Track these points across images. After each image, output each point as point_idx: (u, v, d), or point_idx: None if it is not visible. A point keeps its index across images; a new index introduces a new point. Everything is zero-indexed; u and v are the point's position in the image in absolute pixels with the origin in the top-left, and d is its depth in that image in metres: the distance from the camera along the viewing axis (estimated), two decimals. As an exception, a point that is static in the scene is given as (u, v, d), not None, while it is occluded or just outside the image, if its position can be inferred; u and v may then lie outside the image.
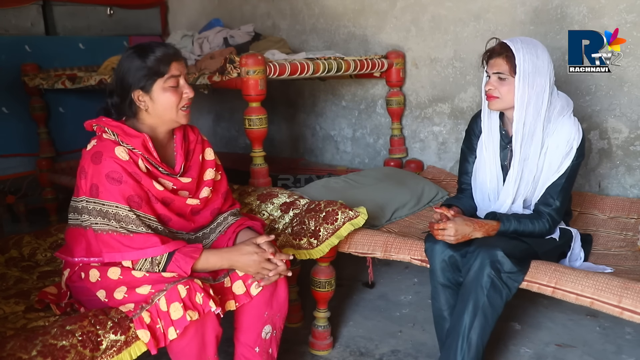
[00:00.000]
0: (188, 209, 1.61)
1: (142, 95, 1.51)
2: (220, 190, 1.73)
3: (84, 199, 1.47)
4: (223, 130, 4.07)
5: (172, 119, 1.56)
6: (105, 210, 1.44)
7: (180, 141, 1.64)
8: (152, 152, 1.52)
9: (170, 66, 1.50)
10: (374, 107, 3.16)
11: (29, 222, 3.48)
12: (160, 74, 1.49)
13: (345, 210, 1.88)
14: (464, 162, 1.97)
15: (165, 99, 1.51)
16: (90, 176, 1.45)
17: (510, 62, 1.67)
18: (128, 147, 1.48)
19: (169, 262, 1.45)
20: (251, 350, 1.64)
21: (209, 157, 1.72)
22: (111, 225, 1.43)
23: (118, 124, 1.52)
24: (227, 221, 1.71)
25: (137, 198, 1.46)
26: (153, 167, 1.52)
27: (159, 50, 1.50)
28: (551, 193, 1.75)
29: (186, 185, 1.60)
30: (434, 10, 2.78)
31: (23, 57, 3.29)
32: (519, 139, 1.72)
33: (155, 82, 1.50)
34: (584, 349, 2.02)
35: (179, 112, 1.55)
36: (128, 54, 1.52)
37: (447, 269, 1.73)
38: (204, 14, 3.92)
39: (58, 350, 1.25)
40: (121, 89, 1.52)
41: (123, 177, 1.44)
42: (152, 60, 1.48)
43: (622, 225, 2.17)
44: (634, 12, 2.22)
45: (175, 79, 1.52)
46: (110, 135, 1.50)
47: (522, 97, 1.67)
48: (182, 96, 1.54)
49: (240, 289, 1.58)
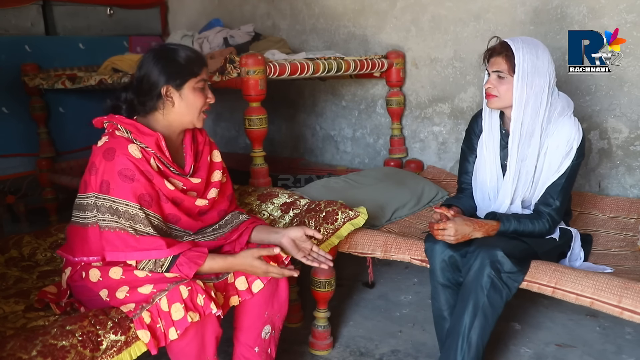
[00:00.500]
0: (197, 209, 1.62)
1: (172, 91, 1.53)
2: (226, 192, 1.75)
3: (93, 195, 1.47)
4: (223, 130, 4.07)
5: (190, 121, 1.58)
6: (116, 207, 1.43)
7: (190, 142, 1.65)
8: (164, 151, 1.53)
9: (203, 69, 1.56)
10: (374, 107, 3.16)
11: (29, 222, 3.48)
12: (194, 74, 1.54)
13: (345, 210, 1.88)
14: (464, 161, 1.97)
15: (193, 99, 1.55)
16: (102, 172, 1.45)
17: (509, 61, 1.68)
18: (141, 146, 1.48)
19: (172, 265, 1.45)
20: (251, 350, 1.64)
21: (217, 159, 1.74)
22: (120, 223, 1.43)
23: (131, 121, 1.52)
24: (239, 219, 1.72)
25: (148, 197, 1.47)
26: (165, 166, 1.53)
27: (192, 52, 1.56)
28: (551, 193, 1.75)
29: (196, 185, 1.61)
30: (434, 10, 2.78)
31: (23, 57, 3.29)
32: (516, 138, 1.72)
33: (187, 80, 1.53)
34: (584, 349, 2.02)
35: (200, 114, 1.58)
36: (160, 50, 1.55)
37: (447, 269, 1.73)
38: (204, 14, 3.92)
39: (58, 350, 1.25)
40: (146, 83, 1.52)
41: (136, 175, 1.44)
42: (189, 59, 1.53)
43: (622, 225, 2.17)
44: (634, 12, 2.22)
45: (204, 82, 1.57)
46: (123, 133, 1.49)
47: (520, 97, 1.67)
48: (206, 100, 1.58)
49: (242, 284, 1.59)
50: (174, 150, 1.60)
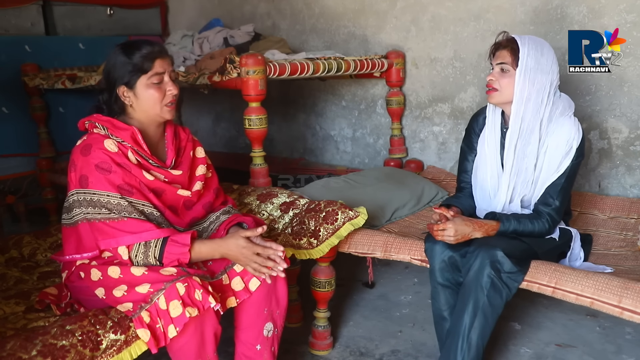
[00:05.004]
0: (180, 201, 1.63)
1: (126, 91, 1.55)
2: (212, 186, 1.77)
3: (74, 192, 1.50)
4: (223, 130, 4.07)
5: (156, 114, 1.58)
6: (96, 199, 1.46)
7: (171, 138, 1.67)
8: (141, 144, 1.55)
9: (154, 63, 1.53)
10: (374, 107, 3.16)
11: (29, 222, 3.47)
12: (143, 70, 1.53)
13: (345, 210, 1.88)
14: (463, 160, 1.97)
15: (149, 95, 1.55)
16: (80, 167, 1.48)
17: (514, 55, 1.69)
18: (117, 140, 1.51)
19: (163, 248, 1.46)
20: (252, 348, 1.64)
21: (200, 155, 1.75)
22: (103, 213, 1.45)
23: (108, 118, 1.55)
24: (219, 220, 1.72)
25: (127, 186, 1.48)
26: (143, 159, 1.55)
27: (144, 47, 1.53)
28: (551, 193, 1.75)
29: (177, 177, 1.62)
30: (434, 10, 2.78)
31: (23, 57, 3.29)
32: (515, 134, 1.73)
33: (139, 78, 1.53)
34: (584, 349, 2.02)
35: (163, 108, 1.57)
36: (115, 51, 1.56)
37: (447, 269, 1.73)
38: (204, 14, 3.92)
39: (58, 350, 1.25)
40: (107, 85, 1.56)
41: (112, 167, 1.47)
42: (137, 57, 1.52)
43: (622, 225, 2.17)
44: (634, 12, 2.22)
45: (159, 76, 1.55)
46: (100, 130, 1.53)
47: (521, 92, 1.68)
48: (166, 93, 1.57)
49: (238, 285, 1.59)
50: (153, 144, 1.62)
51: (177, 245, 1.48)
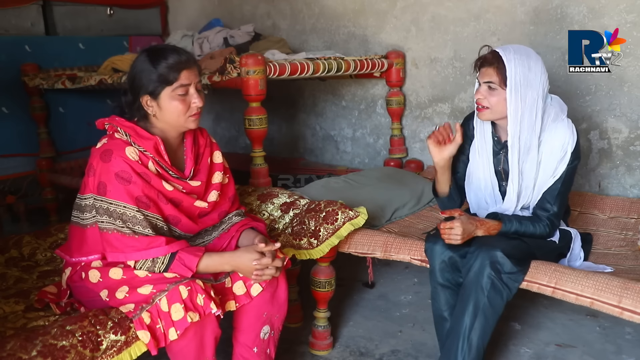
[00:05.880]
0: (197, 211, 1.61)
1: (150, 100, 1.50)
2: (228, 194, 1.72)
3: (91, 196, 1.47)
4: (223, 130, 4.07)
5: (180, 125, 1.54)
6: (112, 209, 1.43)
7: (191, 145, 1.63)
8: (163, 155, 1.51)
9: (181, 74, 1.47)
10: (374, 107, 3.16)
11: (29, 222, 3.47)
12: (169, 82, 1.47)
13: (345, 210, 1.88)
14: (455, 161, 1.95)
15: (173, 108, 1.49)
16: (99, 174, 1.45)
17: (501, 74, 1.65)
18: (139, 149, 1.47)
19: (171, 262, 1.45)
20: (249, 350, 1.64)
21: (217, 160, 1.71)
22: (116, 224, 1.43)
23: (131, 124, 1.51)
24: (232, 220, 1.71)
25: (146, 198, 1.46)
26: (163, 170, 1.51)
27: (170, 56, 1.47)
28: (548, 198, 1.74)
29: (195, 189, 1.59)
30: (434, 10, 2.78)
31: (23, 57, 3.29)
32: (516, 153, 1.70)
33: (163, 89, 1.48)
34: (584, 349, 2.02)
35: (187, 119, 1.52)
36: (141, 57, 1.50)
37: (447, 269, 1.73)
38: (204, 14, 3.92)
39: (58, 350, 1.25)
40: (132, 90, 1.52)
41: (132, 177, 1.44)
42: (163, 67, 1.46)
43: (622, 225, 2.17)
44: (634, 12, 2.22)
45: (185, 87, 1.49)
46: (122, 135, 1.49)
47: (515, 111, 1.65)
48: (191, 105, 1.51)
49: (240, 289, 1.58)
50: (173, 153, 1.58)
51: (184, 268, 1.46)
